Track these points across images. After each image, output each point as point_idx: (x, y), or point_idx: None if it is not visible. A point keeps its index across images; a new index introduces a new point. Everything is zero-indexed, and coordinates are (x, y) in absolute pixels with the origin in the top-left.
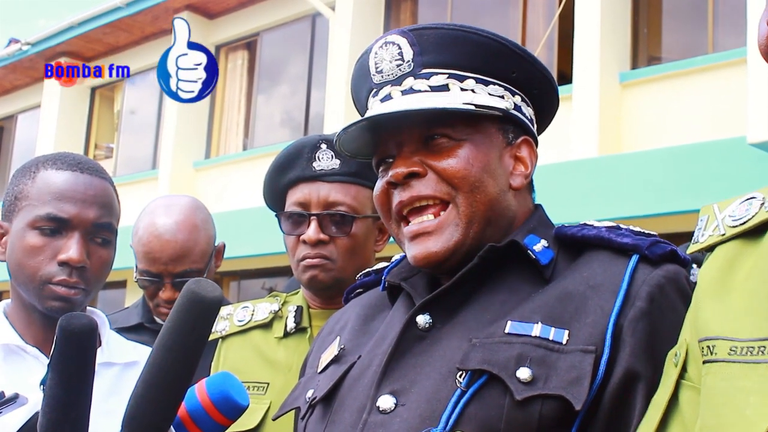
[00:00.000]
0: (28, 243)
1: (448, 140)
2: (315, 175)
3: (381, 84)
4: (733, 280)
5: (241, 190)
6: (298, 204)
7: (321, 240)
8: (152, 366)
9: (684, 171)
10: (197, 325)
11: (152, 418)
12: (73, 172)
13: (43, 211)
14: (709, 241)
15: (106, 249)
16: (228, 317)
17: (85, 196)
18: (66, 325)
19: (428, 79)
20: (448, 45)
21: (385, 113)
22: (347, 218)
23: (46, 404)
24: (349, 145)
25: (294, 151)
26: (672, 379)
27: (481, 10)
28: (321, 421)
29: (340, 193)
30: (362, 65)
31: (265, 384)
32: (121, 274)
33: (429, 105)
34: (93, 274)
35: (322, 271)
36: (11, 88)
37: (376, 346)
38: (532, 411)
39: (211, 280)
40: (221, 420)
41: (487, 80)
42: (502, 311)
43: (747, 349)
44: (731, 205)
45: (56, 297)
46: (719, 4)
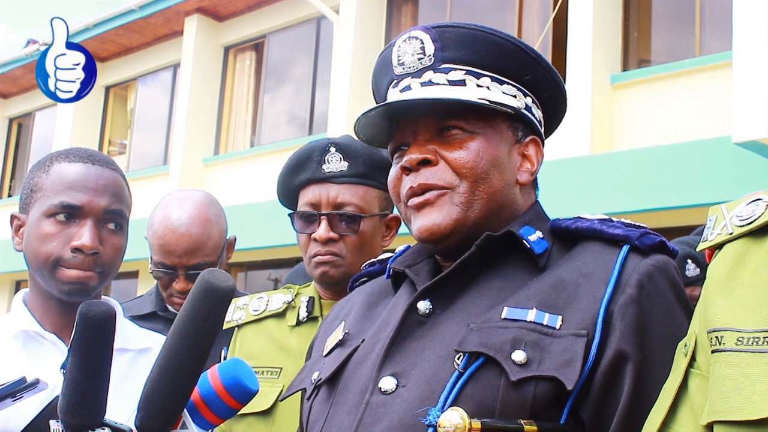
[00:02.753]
0: (42, 231)
1: (461, 132)
2: (324, 177)
3: (402, 75)
4: (740, 275)
5: (248, 185)
6: (309, 204)
7: (331, 238)
8: (167, 352)
9: (672, 168)
10: (211, 313)
11: (167, 400)
12: (84, 164)
13: (56, 200)
14: (718, 240)
15: (118, 235)
16: (244, 307)
17: (96, 185)
18: (86, 311)
19: (447, 73)
20: (468, 43)
21: (404, 100)
22: (355, 217)
23: (66, 387)
24: (367, 131)
25: (305, 153)
26: (682, 367)
27: (478, 14)
28: (326, 402)
29: (348, 194)
30: (385, 57)
31: (278, 369)
32: (134, 264)
33: (446, 96)
34: (107, 260)
35: (332, 267)
36: (29, 87)
37: (379, 331)
38: (527, 391)
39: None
40: (232, 404)
41: (502, 80)
42: (498, 298)
43: (753, 339)
44: (738, 206)
45: (70, 281)
46: (706, 10)
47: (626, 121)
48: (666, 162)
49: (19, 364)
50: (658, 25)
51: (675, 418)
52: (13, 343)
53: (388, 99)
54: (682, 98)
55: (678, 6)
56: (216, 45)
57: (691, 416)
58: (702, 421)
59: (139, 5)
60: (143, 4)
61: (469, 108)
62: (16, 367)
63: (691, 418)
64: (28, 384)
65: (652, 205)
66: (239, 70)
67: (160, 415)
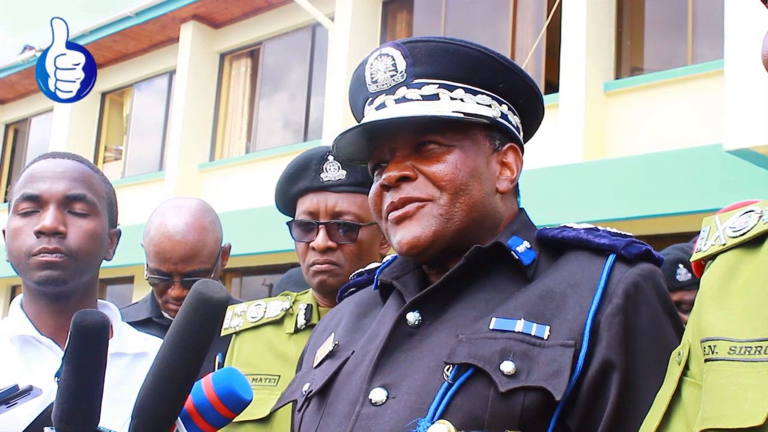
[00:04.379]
0: (12, 227)
1: (438, 146)
2: (323, 186)
3: (376, 93)
4: (733, 286)
5: (243, 191)
6: (307, 213)
7: (329, 247)
8: (161, 361)
9: (664, 176)
10: (204, 324)
11: (160, 409)
12: (47, 159)
13: (19, 195)
14: (711, 250)
15: (85, 219)
16: (242, 314)
17: (54, 173)
18: (80, 321)
19: (420, 88)
20: (438, 57)
21: (379, 120)
22: (353, 226)
23: (60, 396)
24: (346, 150)
25: (303, 162)
26: (675, 376)
27: (473, 22)
28: (316, 413)
29: (346, 203)
30: (359, 75)
31: (276, 376)
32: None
33: (420, 113)
34: (73, 243)
35: (330, 276)
36: (26, 93)
37: (369, 342)
38: (515, 402)
39: (217, 280)
40: (226, 413)
41: (476, 90)
42: (487, 309)
43: (745, 348)
44: (732, 217)
45: (39, 266)
46: (698, 19)
47: (619, 129)
48: (658, 169)
49: (16, 369)
50: (650, 34)
51: (668, 426)
52: (10, 348)
53: (365, 116)
54: (674, 106)
55: (670, 14)
56: (212, 52)
57: (685, 424)
58: (695, 429)
59: (135, 12)
60: (139, 10)
61: (444, 122)
62: (13, 372)
63: (685, 426)
64: (21, 391)
65: (645, 212)
66: (235, 77)
67: (153, 424)
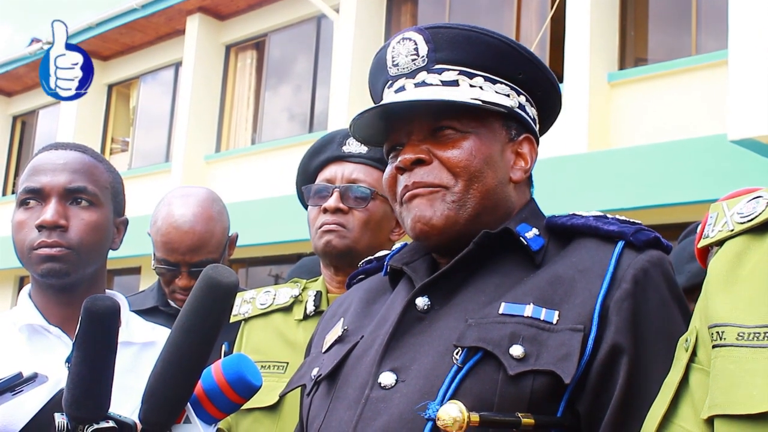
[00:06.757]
0: (16, 221)
1: (454, 132)
2: (342, 156)
3: (396, 76)
4: (740, 272)
5: (249, 182)
6: (325, 180)
7: (340, 208)
8: (171, 346)
9: (668, 166)
10: (214, 308)
11: (170, 394)
12: (50, 151)
13: (22, 188)
14: (719, 237)
15: (88, 211)
16: (251, 301)
17: (55, 166)
18: (91, 306)
19: (440, 74)
20: (461, 44)
21: (398, 102)
22: (366, 192)
23: (71, 381)
24: (363, 131)
25: (328, 137)
26: (683, 362)
27: (477, 12)
28: (326, 397)
29: (363, 173)
30: (380, 58)
31: (284, 363)
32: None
33: (439, 97)
34: (75, 235)
35: (337, 237)
36: (33, 85)
37: (378, 327)
38: (524, 385)
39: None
40: (235, 398)
41: (495, 79)
42: (496, 294)
43: (753, 334)
44: (739, 204)
45: (40, 259)
46: (702, 10)
47: (623, 119)
48: (662, 159)
49: (24, 358)
50: (654, 24)
51: (676, 412)
52: (19, 337)
53: (383, 99)
54: (678, 96)
55: (674, 5)
56: (217, 43)
57: (692, 410)
58: (703, 415)
59: (141, 4)
60: (145, 3)
61: (462, 108)
62: (22, 360)
63: (692, 412)
64: (25, 378)
65: (649, 202)
66: (240, 69)
67: (163, 409)
